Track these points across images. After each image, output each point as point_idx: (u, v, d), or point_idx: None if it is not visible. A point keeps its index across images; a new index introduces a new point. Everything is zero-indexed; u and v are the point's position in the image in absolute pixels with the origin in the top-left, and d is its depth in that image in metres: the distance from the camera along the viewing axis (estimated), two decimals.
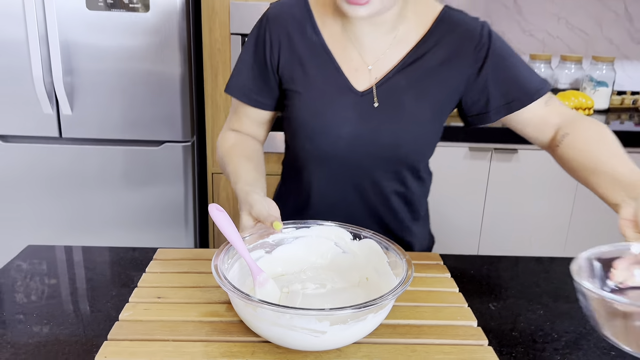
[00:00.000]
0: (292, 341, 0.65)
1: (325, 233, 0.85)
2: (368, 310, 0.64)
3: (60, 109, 1.97)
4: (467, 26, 0.95)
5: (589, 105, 2.32)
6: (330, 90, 0.93)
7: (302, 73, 0.94)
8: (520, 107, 0.95)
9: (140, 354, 0.65)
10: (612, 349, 0.77)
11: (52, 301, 0.82)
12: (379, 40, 0.93)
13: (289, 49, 0.95)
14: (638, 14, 2.67)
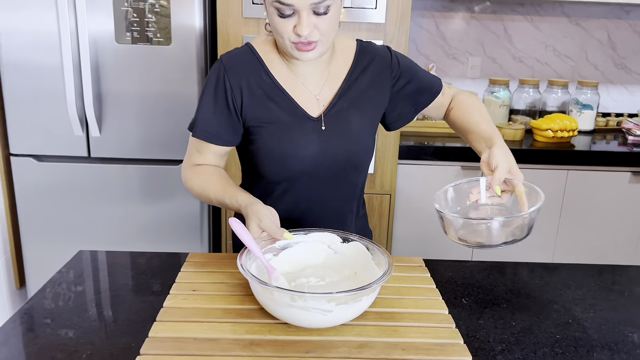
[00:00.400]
0: (305, 319, 0.84)
1: (320, 238, 1.06)
2: (363, 292, 0.83)
3: (90, 131, 2.17)
4: (380, 54, 1.20)
5: (574, 127, 2.50)
6: (291, 120, 1.13)
7: (264, 110, 1.12)
8: (425, 107, 1.27)
9: (183, 331, 0.84)
10: (559, 335, 0.95)
11: (114, 292, 1.01)
12: (319, 75, 1.15)
13: (248, 92, 1.11)
14: (620, 41, 2.87)
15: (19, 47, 2.08)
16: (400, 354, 0.81)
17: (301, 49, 1.03)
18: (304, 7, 0.97)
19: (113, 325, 0.92)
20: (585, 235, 2.47)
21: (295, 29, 1.00)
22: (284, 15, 0.99)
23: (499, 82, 2.71)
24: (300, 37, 1.00)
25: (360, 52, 1.18)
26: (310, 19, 0.99)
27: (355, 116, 1.15)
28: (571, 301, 1.08)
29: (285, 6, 0.97)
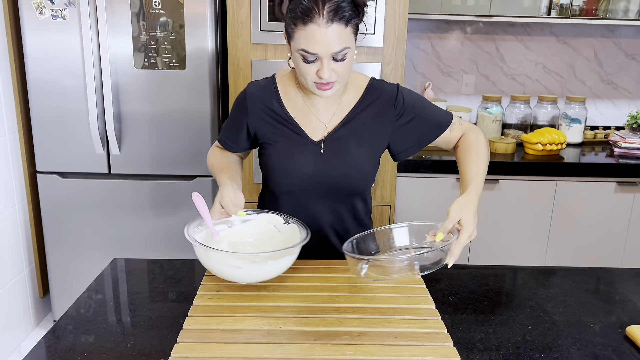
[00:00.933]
0: (224, 272, 1.09)
1: (267, 219, 1.28)
2: (267, 256, 1.10)
3: (110, 149, 2.35)
4: (388, 91, 1.36)
5: (562, 140, 2.67)
6: (292, 143, 1.32)
7: (272, 131, 1.33)
8: (429, 142, 1.40)
9: (211, 324, 1.00)
10: (531, 326, 1.11)
11: (147, 294, 1.18)
12: (330, 106, 1.33)
13: (261, 115, 1.33)
14: (606, 58, 3.04)
15: (45, 71, 2.26)
16: (393, 340, 0.97)
17: (321, 88, 1.21)
18: (325, 55, 1.15)
19: (149, 322, 1.08)
20: (574, 241, 2.62)
21: (318, 73, 1.18)
22: (308, 61, 1.17)
23: (492, 99, 2.88)
24: (322, 79, 1.18)
25: (369, 88, 1.35)
26: (330, 65, 1.17)
27: (354, 144, 1.32)
28: (544, 299, 1.23)
29: (310, 54, 1.15)
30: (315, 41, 1.13)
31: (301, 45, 1.15)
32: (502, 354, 1.00)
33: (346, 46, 1.16)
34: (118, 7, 2.19)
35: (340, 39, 1.14)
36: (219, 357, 0.90)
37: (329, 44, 1.14)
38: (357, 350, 0.94)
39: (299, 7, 1.14)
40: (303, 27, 1.13)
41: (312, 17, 1.12)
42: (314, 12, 1.12)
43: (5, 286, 2.33)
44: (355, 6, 1.16)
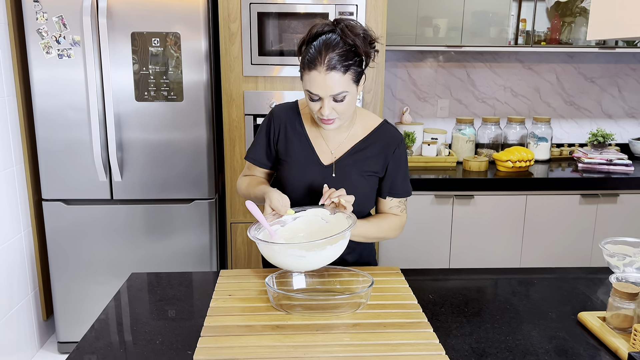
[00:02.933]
0: (288, 263, 1.25)
1: (314, 213, 1.41)
2: (325, 242, 1.24)
3: (113, 176, 2.52)
4: (394, 136, 1.55)
5: (530, 157, 2.91)
6: (306, 162, 1.52)
7: (290, 150, 1.53)
8: (383, 193, 1.57)
9: (228, 321, 1.18)
10: (499, 316, 1.30)
11: (176, 299, 1.35)
12: (338, 137, 1.53)
13: (284, 135, 1.53)
14: (568, 82, 3.32)
15: (51, 105, 2.43)
16: (382, 329, 1.15)
17: (324, 123, 1.42)
18: (325, 96, 1.35)
19: (173, 322, 1.25)
20: (545, 249, 2.84)
21: (320, 110, 1.38)
22: (313, 100, 1.38)
23: (465, 121, 3.12)
24: (323, 115, 1.38)
25: (379, 129, 1.54)
26: (330, 104, 1.37)
27: (356, 173, 1.51)
28: (510, 294, 1.43)
29: (313, 94, 1.36)
30: (316, 85, 1.34)
31: (306, 86, 1.37)
32: (474, 338, 1.19)
33: (344, 90, 1.35)
34: (120, 45, 2.39)
35: (338, 84, 1.33)
36: (238, 346, 1.08)
37: (328, 88, 1.33)
38: (353, 337, 1.12)
39: (307, 55, 1.34)
40: (308, 72, 1.34)
41: (315, 65, 1.32)
42: (317, 61, 1.32)
43: (12, 309, 2.45)
44: (357, 55, 1.35)
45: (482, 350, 1.14)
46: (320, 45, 1.33)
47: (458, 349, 1.14)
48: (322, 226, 1.40)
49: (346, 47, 1.33)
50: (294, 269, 1.31)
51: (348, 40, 1.33)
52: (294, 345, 1.08)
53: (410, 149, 3.08)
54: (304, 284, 1.36)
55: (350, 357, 1.04)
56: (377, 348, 1.08)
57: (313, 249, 1.26)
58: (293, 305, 1.24)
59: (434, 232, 2.80)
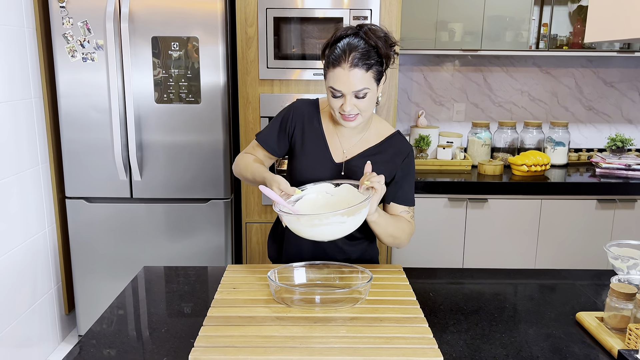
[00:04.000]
0: (328, 232, 1.29)
1: (319, 188, 1.46)
2: (361, 205, 1.29)
3: (133, 176, 2.60)
4: (405, 146, 1.60)
5: (546, 162, 2.89)
6: (318, 157, 1.57)
7: (306, 144, 1.58)
8: (388, 200, 1.59)
9: (230, 312, 1.22)
10: (497, 314, 1.32)
11: (184, 291, 1.41)
12: (351, 137, 1.58)
13: (301, 128, 1.59)
14: (586, 86, 3.29)
15: (75, 107, 2.53)
16: (379, 323, 1.18)
17: (345, 119, 1.46)
18: (347, 92, 1.41)
19: (179, 313, 1.30)
20: (560, 254, 2.82)
21: (342, 107, 1.43)
22: (335, 96, 1.43)
23: (481, 125, 3.13)
24: (345, 112, 1.43)
25: (392, 137, 1.59)
26: (352, 100, 1.42)
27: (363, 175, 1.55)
28: (511, 294, 1.45)
29: (336, 91, 1.42)
30: (339, 81, 1.40)
31: (330, 83, 1.43)
32: (470, 334, 1.21)
33: (366, 87, 1.41)
34: (141, 49, 2.47)
35: (361, 81, 1.39)
36: (238, 335, 1.12)
37: (350, 84, 1.39)
38: (349, 330, 1.15)
39: (333, 54, 1.41)
40: (332, 69, 1.41)
41: (340, 62, 1.39)
42: (341, 59, 1.39)
43: (35, 303, 2.55)
44: (379, 55, 1.42)
45: (476, 346, 1.17)
46: (344, 45, 1.40)
47: (453, 344, 1.17)
48: (329, 199, 1.46)
49: (368, 48, 1.40)
50: (329, 236, 1.33)
51: (370, 42, 1.40)
52: (291, 336, 1.12)
53: (425, 152, 3.09)
54: (305, 279, 1.40)
55: (345, 348, 1.08)
56: (371, 340, 1.11)
57: (353, 214, 1.30)
58: (293, 299, 1.28)
59: (448, 236, 2.81)
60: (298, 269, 1.41)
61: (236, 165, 1.65)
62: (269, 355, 1.05)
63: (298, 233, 1.35)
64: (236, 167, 1.65)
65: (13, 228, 2.38)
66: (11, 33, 2.33)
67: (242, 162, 1.63)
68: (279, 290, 1.30)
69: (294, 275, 1.40)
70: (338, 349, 1.07)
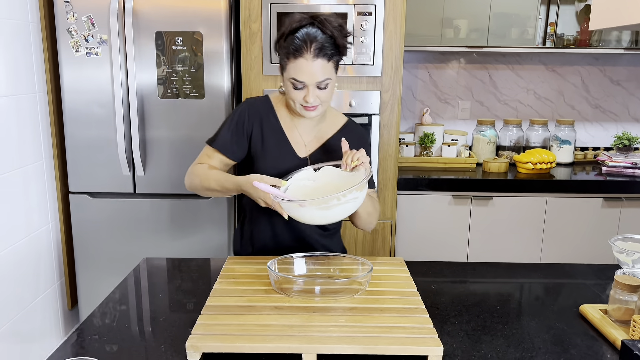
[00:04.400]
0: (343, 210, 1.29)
1: (299, 177, 1.44)
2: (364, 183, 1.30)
3: (136, 171, 2.60)
4: (360, 131, 1.65)
5: (551, 160, 2.87)
6: (282, 154, 1.55)
7: (267, 143, 1.55)
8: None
9: (229, 301, 1.21)
10: (499, 306, 1.30)
11: (183, 282, 1.40)
12: (310, 129, 1.58)
13: (259, 128, 1.56)
14: (592, 84, 3.26)
15: (79, 102, 2.53)
16: (379, 313, 1.17)
17: (307, 109, 1.47)
18: (311, 83, 1.42)
19: (178, 302, 1.29)
20: (565, 252, 2.79)
21: (305, 98, 1.43)
22: (297, 88, 1.43)
23: (486, 122, 3.11)
24: (308, 103, 1.43)
25: (346, 126, 1.62)
26: (315, 91, 1.43)
27: None
28: (514, 287, 1.43)
29: (299, 82, 1.42)
30: (302, 72, 1.40)
31: (292, 75, 1.42)
32: (471, 325, 1.20)
33: (328, 77, 1.43)
34: (144, 44, 2.47)
35: (323, 71, 1.41)
36: (236, 323, 1.11)
37: (314, 74, 1.40)
38: (348, 319, 1.14)
39: (292, 45, 1.40)
40: (294, 60, 1.40)
41: (301, 53, 1.39)
42: (303, 49, 1.39)
43: (38, 297, 2.55)
44: (336, 45, 1.42)
45: (477, 337, 1.15)
46: (304, 36, 1.40)
47: (453, 335, 1.15)
48: (313, 185, 1.45)
49: (327, 38, 1.41)
50: (344, 215, 1.33)
51: (327, 31, 1.41)
52: (289, 325, 1.11)
53: (429, 150, 3.08)
54: (305, 270, 1.39)
55: (344, 337, 1.06)
56: (370, 329, 1.10)
57: (362, 188, 1.32)
58: (293, 289, 1.27)
59: (452, 233, 2.79)
60: (298, 260, 1.39)
61: (194, 178, 1.54)
62: (267, 343, 1.04)
63: (308, 220, 1.33)
64: (192, 180, 1.54)
65: (16, 222, 2.38)
66: (16, 27, 2.34)
67: (199, 173, 1.53)
68: (278, 280, 1.28)
69: (294, 266, 1.38)
70: (337, 338, 1.06)
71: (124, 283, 1.43)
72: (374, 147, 2.64)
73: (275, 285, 1.28)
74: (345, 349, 1.04)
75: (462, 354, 1.08)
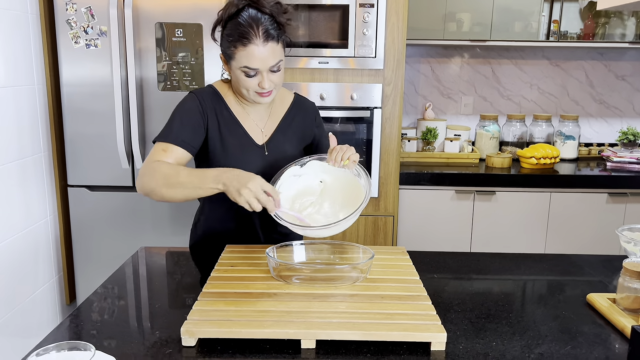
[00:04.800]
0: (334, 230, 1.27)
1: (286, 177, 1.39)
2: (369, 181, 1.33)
3: (135, 164, 2.57)
4: (309, 106, 1.62)
5: (555, 155, 2.83)
6: (242, 145, 1.49)
7: (224, 135, 1.47)
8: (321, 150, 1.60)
9: (226, 288, 1.18)
10: (503, 295, 1.27)
11: (180, 269, 1.37)
12: (263, 113, 1.54)
13: (215, 120, 1.46)
14: (597, 79, 3.23)
15: (78, 94, 2.51)
16: (380, 300, 1.14)
17: (262, 96, 1.42)
18: (264, 69, 1.37)
19: (174, 289, 1.26)
20: (570, 248, 2.76)
21: (260, 84, 1.39)
22: (250, 76, 1.38)
23: (489, 117, 3.07)
24: (264, 89, 1.39)
25: (295, 102, 1.59)
26: (269, 76, 1.38)
27: (289, 146, 1.54)
28: (519, 275, 1.39)
29: (252, 70, 1.36)
30: (255, 58, 1.34)
31: (243, 63, 1.35)
32: (475, 314, 1.17)
33: (280, 59, 1.38)
34: (144, 35, 2.45)
35: (274, 54, 1.36)
36: (233, 309, 1.08)
37: (266, 60, 1.35)
38: (349, 306, 1.11)
39: (237, 32, 1.33)
40: (243, 48, 1.33)
41: (251, 39, 1.32)
42: (252, 35, 1.32)
43: (36, 291, 2.53)
44: (279, 25, 1.37)
45: (481, 325, 1.12)
46: (247, 19, 1.33)
47: (457, 323, 1.12)
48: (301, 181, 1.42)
49: (269, 18, 1.34)
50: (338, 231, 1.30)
51: (266, 10, 1.34)
52: (287, 311, 1.08)
53: (432, 145, 3.04)
54: (304, 257, 1.36)
55: (344, 323, 1.03)
56: (372, 316, 1.06)
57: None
58: (292, 276, 1.24)
59: (454, 229, 2.76)
60: (298, 247, 1.36)
61: (155, 175, 1.32)
62: (264, 329, 1.01)
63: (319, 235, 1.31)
64: (153, 178, 1.32)
65: (14, 215, 2.35)
66: (15, 18, 2.31)
67: (162, 169, 1.33)
68: (277, 267, 1.25)
69: (294, 254, 1.35)
70: (337, 324, 1.03)
71: (121, 270, 1.40)
72: (376, 140, 2.61)
73: (274, 273, 1.25)
74: (345, 334, 1.00)
75: (465, 341, 1.04)
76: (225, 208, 1.51)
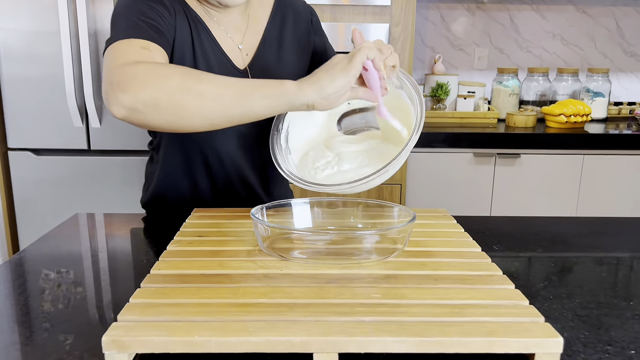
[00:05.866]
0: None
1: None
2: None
3: (90, 122, 2.11)
4: (299, 4, 1.18)
5: (587, 112, 2.43)
6: (216, 69, 1.03)
7: (195, 49, 1.02)
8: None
9: (190, 268, 0.75)
10: (602, 270, 0.86)
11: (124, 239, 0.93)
12: (239, 22, 1.09)
13: (184, 22, 1.00)
14: (629, 28, 2.82)
15: (16, 32, 2.03)
16: (433, 283, 0.72)
17: None
18: None
19: (117, 266, 0.83)
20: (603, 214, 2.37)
21: None
22: None
23: (508, 71, 2.66)
24: None
25: (279, 2, 1.14)
26: None
27: (281, 67, 1.10)
28: (621, 246, 0.99)
29: None
30: None
31: None
32: (578, 302, 0.75)
33: None
34: None
35: None
36: (197, 304, 0.65)
37: None
38: (386, 294, 0.68)
39: None
40: None
41: None
42: None
43: None
44: None
45: (595, 319, 0.70)
46: None
47: (556, 318, 0.70)
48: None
49: None
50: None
51: None
52: (288, 304, 0.65)
53: (443, 103, 2.62)
54: (310, 222, 0.93)
55: (381, 323, 0.61)
56: (427, 311, 0.64)
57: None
58: (293, 249, 0.81)
59: (473, 195, 2.36)
60: (299, 207, 0.93)
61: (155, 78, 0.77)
62: (249, 336, 0.58)
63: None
64: (157, 80, 0.77)
65: None
66: None
67: (177, 67, 0.81)
68: (269, 235, 0.82)
69: (293, 215, 0.92)
70: (370, 325, 0.60)
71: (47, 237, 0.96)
72: None
73: (264, 245, 0.82)
74: (387, 344, 0.58)
75: (584, 348, 0.63)
76: (187, 153, 1.09)
